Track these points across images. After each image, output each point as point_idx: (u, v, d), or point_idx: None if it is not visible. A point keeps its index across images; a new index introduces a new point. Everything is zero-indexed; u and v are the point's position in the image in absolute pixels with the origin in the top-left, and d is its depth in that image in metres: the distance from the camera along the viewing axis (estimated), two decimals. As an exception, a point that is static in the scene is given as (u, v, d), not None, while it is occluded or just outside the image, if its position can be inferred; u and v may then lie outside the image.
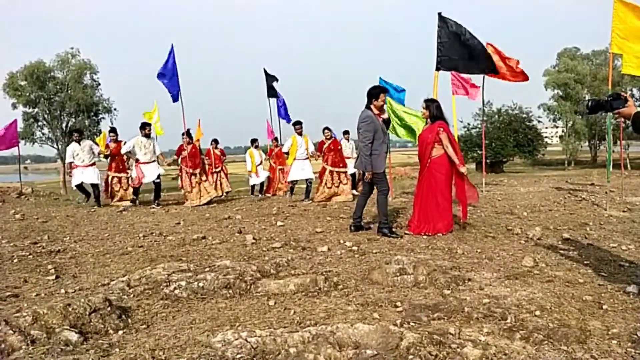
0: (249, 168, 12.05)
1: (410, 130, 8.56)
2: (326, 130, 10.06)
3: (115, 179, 10.21)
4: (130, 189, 10.14)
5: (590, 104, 2.92)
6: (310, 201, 9.49)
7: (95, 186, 9.94)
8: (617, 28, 6.71)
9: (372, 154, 5.49)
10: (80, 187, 10.04)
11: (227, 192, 12.27)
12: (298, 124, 10.32)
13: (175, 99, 9.14)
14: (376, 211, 5.97)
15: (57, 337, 2.55)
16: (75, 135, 10.17)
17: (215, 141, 12.54)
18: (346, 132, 11.52)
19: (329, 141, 9.98)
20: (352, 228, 5.81)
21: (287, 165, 10.58)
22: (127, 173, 10.26)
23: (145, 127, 9.67)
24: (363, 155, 5.51)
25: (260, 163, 12.19)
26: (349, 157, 10.76)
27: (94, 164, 10.08)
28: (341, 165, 9.87)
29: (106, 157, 10.42)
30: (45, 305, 2.82)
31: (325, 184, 9.72)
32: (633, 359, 2.29)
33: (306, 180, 10.09)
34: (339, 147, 10.07)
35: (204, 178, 9.99)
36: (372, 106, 5.57)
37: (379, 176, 5.59)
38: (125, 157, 10.08)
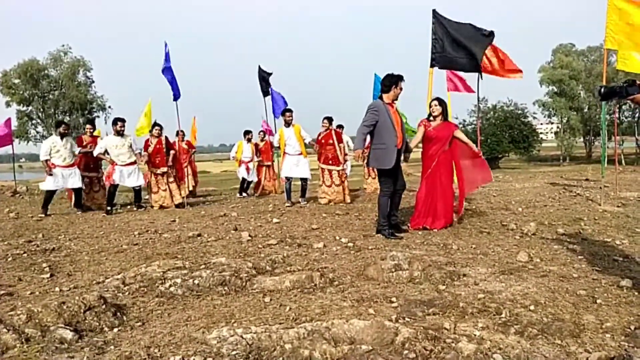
0: (232, 155, 11.22)
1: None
2: (325, 120, 8.81)
3: (86, 180, 8.81)
4: (102, 192, 8.85)
5: (602, 90, 2.86)
6: (307, 202, 8.64)
7: (79, 190, 8.53)
8: (612, 24, 6.72)
9: (378, 148, 5.13)
10: (51, 193, 8.35)
11: (190, 191, 11.04)
12: (286, 112, 8.83)
13: (176, 97, 9.05)
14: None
15: (51, 335, 2.54)
16: (62, 127, 8.43)
17: (182, 133, 11.10)
18: (340, 127, 10.39)
19: (324, 133, 8.77)
20: (386, 234, 5.18)
21: (275, 160, 9.23)
22: (99, 172, 9.12)
23: (116, 122, 8.35)
24: (357, 135, 5.11)
25: (251, 160, 11.18)
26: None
27: (74, 164, 8.47)
28: (331, 162, 8.66)
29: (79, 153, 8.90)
30: (39, 304, 2.81)
31: (324, 182, 8.67)
32: (626, 352, 2.31)
33: (301, 179, 8.90)
34: (331, 141, 8.72)
35: (170, 179, 8.70)
36: (384, 96, 5.26)
37: (386, 173, 5.22)
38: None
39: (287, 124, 8.75)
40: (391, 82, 5.23)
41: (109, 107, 35.78)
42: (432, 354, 2.28)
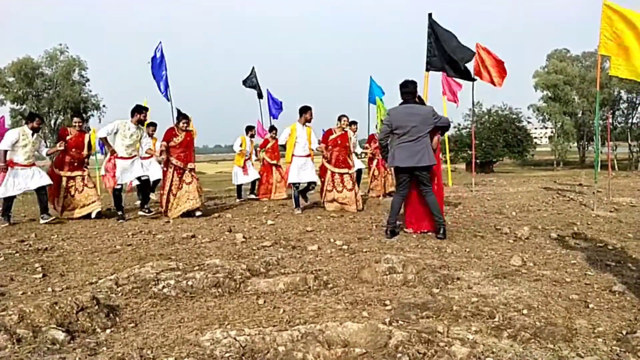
0: (237, 148, 10.10)
1: None
2: (344, 118, 7.96)
3: (71, 182, 7.46)
4: (91, 196, 7.50)
5: None
6: (306, 202, 8.27)
7: (41, 192, 7.10)
8: (606, 30, 6.77)
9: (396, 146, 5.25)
10: (10, 200, 7.05)
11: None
12: (306, 110, 7.81)
13: (166, 95, 9.21)
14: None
15: (43, 336, 2.52)
16: (36, 121, 7.21)
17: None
18: (353, 123, 9.34)
19: (339, 133, 7.91)
20: (388, 234, 5.36)
21: (286, 162, 8.18)
22: (84, 171, 7.61)
23: (141, 111, 7.17)
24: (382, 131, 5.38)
25: (249, 158, 10.33)
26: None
27: (34, 164, 7.23)
28: (343, 166, 7.87)
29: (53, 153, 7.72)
30: (31, 304, 2.79)
31: (327, 186, 7.90)
32: (618, 357, 2.32)
33: (308, 183, 8.24)
34: (347, 144, 7.95)
35: (188, 180, 7.51)
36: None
37: (404, 171, 5.32)
38: (84, 153, 7.59)
39: (307, 121, 7.86)
40: (415, 87, 5.46)
41: (103, 105, 35.67)
42: (426, 357, 2.28)
